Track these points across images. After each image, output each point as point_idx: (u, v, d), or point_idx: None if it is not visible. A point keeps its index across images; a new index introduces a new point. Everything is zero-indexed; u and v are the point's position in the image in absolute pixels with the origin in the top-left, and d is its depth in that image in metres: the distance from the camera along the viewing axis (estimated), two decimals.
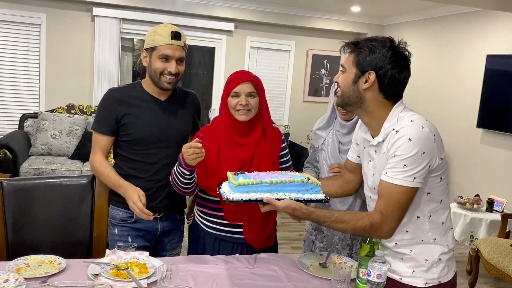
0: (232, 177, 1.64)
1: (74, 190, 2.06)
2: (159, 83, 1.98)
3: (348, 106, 1.58)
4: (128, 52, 6.25)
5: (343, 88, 1.55)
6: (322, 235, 2.21)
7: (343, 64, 1.56)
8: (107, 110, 2.00)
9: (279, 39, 6.45)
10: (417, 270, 1.58)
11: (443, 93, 5.36)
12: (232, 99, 1.91)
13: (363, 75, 1.49)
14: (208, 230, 2.02)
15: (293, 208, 1.56)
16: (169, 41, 1.92)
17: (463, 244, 4.13)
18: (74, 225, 2.04)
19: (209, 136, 1.97)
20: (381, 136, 1.52)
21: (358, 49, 1.50)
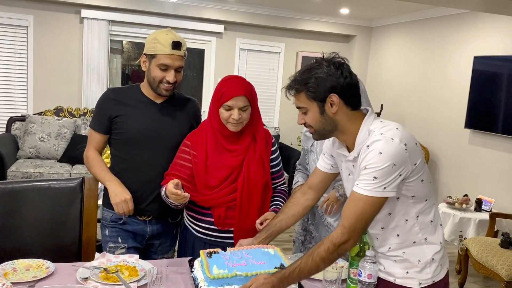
0: (205, 263, 1.64)
1: (62, 193, 2.03)
2: (157, 90, 2.00)
3: (327, 136, 1.60)
4: (117, 54, 6.21)
5: (315, 125, 1.55)
6: (310, 236, 2.21)
7: (299, 106, 1.55)
8: (102, 109, 2.03)
9: (268, 41, 6.46)
10: (410, 271, 1.58)
11: (431, 94, 5.40)
12: (224, 111, 1.88)
13: (326, 102, 1.49)
14: (198, 234, 2.01)
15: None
16: (169, 51, 1.92)
17: (452, 243, 4.16)
18: (63, 229, 2.02)
19: (196, 142, 1.96)
20: (355, 151, 1.53)
21: (304, 85, 1.50)
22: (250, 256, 1.72)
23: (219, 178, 1.92)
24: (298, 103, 1.56)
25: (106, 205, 2.07)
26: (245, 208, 1.93)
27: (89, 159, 2.06)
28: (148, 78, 2.00)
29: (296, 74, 1.56)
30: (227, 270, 1.60)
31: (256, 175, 1.95)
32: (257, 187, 1.95)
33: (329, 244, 1.48)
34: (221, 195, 1.93)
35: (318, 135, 1.60)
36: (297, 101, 1.56)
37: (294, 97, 1.57)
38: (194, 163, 1.93)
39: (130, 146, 2.01)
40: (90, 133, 2.09)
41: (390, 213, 1.54)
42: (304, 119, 1.58)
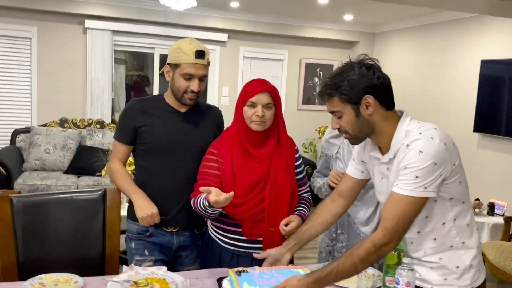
0: (235, 280, 1.61)
1: (85, 205, 2.00)
2: (181, 100, 1.98)
3: (363, 139, 1.58)
4: (121, 64, 6.20)
5: (351, 129, 1.53)
6: (341, 245, 2.17)
7: (332, 110, 1.54)
8: (127, 120, 2.01)
9: (272, 48, 6.46)
10: (448, 278, 1.55)
11: (438, 99, 5.40)
12: (248, 109, 1.87)
13: (360, 104, 1.48)
14: (225, 245, 1.96)
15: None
16: (193, 60, 1.90)
17: None
18: (87, 241, 1.98)
19: (222, 150, 1.94)
20: (391, 152, 1.51)
21: (336, 89, 1.49)
22: (280, 275, 1.69)
23: (247, 186, 1.88)
24: (331, 107, 1.54)
25: (131, 217, 2.03)
26: (273, 216, 1.90)
27: (114, 171, 2.02)
28: (172, 88, 1.99)
29: (326, 79, 1.54)
30: (258, 287, 1.57)
31: (284, 182, 1.92)
32: (285, 194, 1.92)
33: (370, 245, 1.45)
34: (250, 207, 1.89)
35: (355, 139, 1.57)
36: (331, 105, 1.54)
37: (327, 102, 1.55)
38: (222, 171, 1.90)
39: (156, 156, 1.98)
40: (114, 144, 2.06)
41: (427, 216, 1.51)
42: (339, 124, 1.55)
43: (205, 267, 1.98)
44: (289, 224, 1.87)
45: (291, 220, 1.89)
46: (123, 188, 1.99)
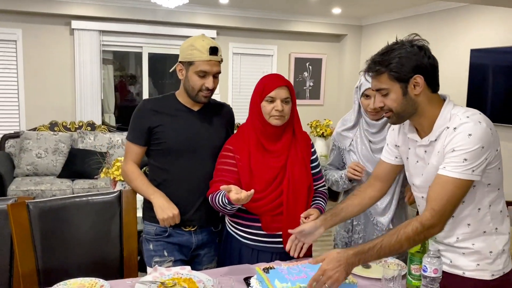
0: (266, 278, 1.60)
1: (101, 208, 1.97)
2: (196, 98, 1.96)
3: (405, 119, 1.56)
4: (109, 64, 6.10)
5: (396, 107, 1.51)
6: (358, 236, 2.18)
7: (380, 87, 1.52)
8: (140, 121, 1.97)
9: (261, 44, 6.45)
10: (481, 263, 1.55)
11: None
12: (267, 104, 1.87)
13: (409, 83, 1.48)
14: (245, 241, 1.96)
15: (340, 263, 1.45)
16: (207, 57, 1.89)
17: None
18: (105, 244, 1.96)
19: (238, 146, 1.93)
20: (433, 135, 1.51)
21: (386, 66, 1.48)
22: (308, 269, 1.69)
23: (265, 181, 1.89)
24: (378, 84, 1.52)
25: (148, 218, 2.01)
26: (292, 210, 1.90)
27: (129, 173, 1.99)
28: (186, 87, 1.96)
29: (375, 56, 1.52)
30: (289, 283, 1.56)
31: (301, 176, 1.92)
32: (302, 188, 1.93)
33: (418, 225, 1.44)
34: (268, 201, 1.89)
35: (397, 118, 1.55)
36: (378, 82, 1.52)
37: (374, 79, 1.53)
38: (239, 167, 1.89)
39: (171, 156, 1.95)
40: (127, 146, 2.03)
41: (464, 201, 1.51)
42: (383, 102, 1.53)
43: (224, 265, 1.98)
44: (309, 217, 1.88)
45: (310, 213, 1.89)
46: (140, 189, 1.96)
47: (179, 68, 1.97)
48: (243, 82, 6.41)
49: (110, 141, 5.35)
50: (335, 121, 6.67)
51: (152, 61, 6.09)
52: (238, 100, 6.37)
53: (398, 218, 2.14)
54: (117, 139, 5.36)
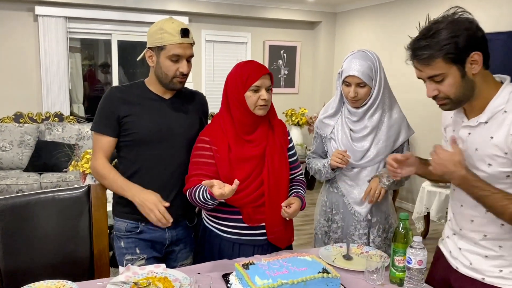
0: (245, 275, 1.52)
1: (68, 204, 1.84)
2: (170, 85, 1.84)
3: (463, 103, 1.41)
4: (77, 53, 5.86)
5: (455, 93, 1.36)
6: (336, 226, 2.13)
7: (433, 74, 1.36)
8: (108, 109, 1.84)
9: (234, 31, 6.32)
10: (505, 270, 1.44)
11: (402, 77, 5.47)
12: (252, 94, 1.77)
13: (466, 63, 1.33)
14: (225, 235, 1.88)
15: (449, 167, 1.35)
16: (179, 40, 1.77)
17: (440, 221, 4.24)
18: (73, 243, 1.84)
19: (215, 137, 1.84)
20: (485, 115, 1.39)
21: (440, 49, 1.31)
22: (289, 264, 1.63)
23: (245, 171, 1.81)
24: (431, 71, 1.35)
25: (118, 214, 1.90)
26: (274, 199, 1.83)
27: (99, 169, 1.83)
28: (158, 74, 1.84)
29: (419, 40, 1.36)
30: (271, 279, 1.49)
31: (281, 165, 1.86)
32: (283, 176, 1.87)
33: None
34: (249, 192, 1.81)
35: (454, 104, 1.40)
36: (430, 69, 1.35)
37: (424, 66, 1.36)
38: (217, 159, 1.80)
39: (143, 147, 1.84)
40: (96, 138, 1.87)
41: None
42: (438, 89, 1.38)
43: (202, 261, 1.89)
44: (291, 206, 1.81)
45: (291, 202, 1.83)
46: (113, 186, 1.82)
47: (149, 55, 1.84)
48: (217, 70, 6.28)
49: (79, 132, 5.15)
50: (310, 109, 6.64)
51: (122, 49, 5.88)
52: (212, 89, 6.25)
53: (377, 208, 2.09)
54: (86, 130, 5.16)
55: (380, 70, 2.02)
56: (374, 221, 2.09)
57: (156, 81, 1.87)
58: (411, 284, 1.57)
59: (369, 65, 1.98)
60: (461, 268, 1.55)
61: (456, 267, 1.57)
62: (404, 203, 5.40)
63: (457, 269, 1.56)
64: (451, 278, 1.60)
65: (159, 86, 1.87)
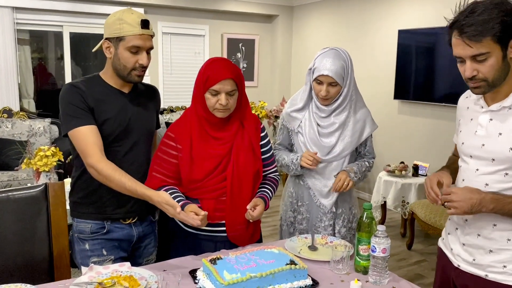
0: (213, 270, 1.50)
1: (24, 204, 1.75)
2: (128, 77, 1.77)
3: (495, 88, 1.39)
4: (26, 45, 5.58)
5: (494, 74, 1.34)
6: (302, 217, 2.15)
7: (479, 53, 1.32)
8: (79, 101, 1.71)
9: (192, 23, 6.23)
10: (509, 265, 1.41)
11: (359, 69, 5.57)
12: (211, 97, 1.74)
13: (508, 46, 1.32)
14: (188, 229, 1.86)
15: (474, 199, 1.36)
16: (139, 31, 1.71)
17: (396, 210, 4.39)
18: (30, 245, 1.75)
19: (181, 133, 1.80)
20: (509, 100, 1.38)
21: (491, 28, 1.28)
22: (256, 257, 1.64)
23: (206, 170, 1.79)
24: (477, 50, 1.31)
25: (80, 215, 1.83)
26: (236, 198, 1.82)
27: (104, 171, 1.65)
28: (115, 66, 1.77)
29: (468, 17, 1.31)
30: (239, 273, 1.49)
31: (246, 163, 1.84)
32: (248, 175, 1.85)
33: None
34: (210, 184, 1.80)
35: (490, 87, 1.37)
36: (476, 47, 1.31)
37: (473, 43, 1.31)
38: (180, 158, 1.78)
39: (105, 143, 1.76)
40: (79, 135, 1.69)
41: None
42: (478, 70, 1.35)
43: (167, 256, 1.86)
44: (256, 208, 1.81)
45: (257, 204, 1.83)
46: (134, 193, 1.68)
47: (106, 46, 1.77)
48: (175, 64, 6.18)
49: (30, 128, 4.92)
50: (269, 102, 6.66)
51: (74, 41, 5.66)
52: (170, 82, 6.15)
53: (342, 200, 2.13)
54: (38, 126, 4.94)
55: (351, 70, 2.03)
56: (339, 212, 2.13)
57: (113, 73, 1.79)
58: (375, 272, 1.61)
59: (342, 65, 1.97)
60: (463, 266, 1.53)
61: (458, 265, 1.55)
62: (362, 193, 5.55)
63: (459, 267, 1.54)
64: (453, 276, 1.58)
65: (117, 79, 1.80)
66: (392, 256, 3.85)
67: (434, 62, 4.58)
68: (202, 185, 1.80)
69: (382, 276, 1.61)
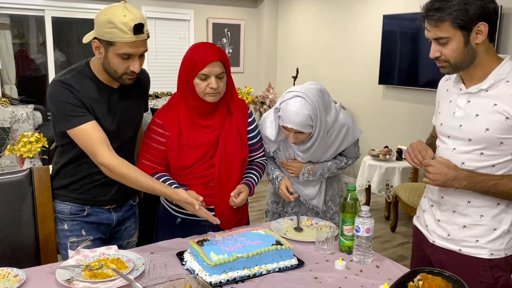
0: (200, 251, 1.52)
1: (9, 189, 1.75)
2: (120, 80, 1.70)
3: (461, 69, 1.47)
4: (6, 30, 5.46)
5: (455, 58, 1.42)
6: (292, 211, 2.13)
7: (440, 36, 1.41)
8: (74, 100, 1.64)
9: (176, 7, 6.15)
10: (481, 240, 1.49)
11: (344, 54, 5.61)
12: (200, 82, 1.71)
13: (472, 32, 1.39)
14: (177, 214, 1.89)
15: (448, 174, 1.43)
16: (131, 38, 1.57)
17: (380, 193, 4.46)
18: (16, 229, 1.75)
19: (169, 121, 1.80)
20: (486, 83, 1.44)
21: (450, 13, 1.37)
22: (243, 238, 1.67)
23: (194, 158, 1.80)
24: (439, 33, 1.41)
25: (62, 198, 1.82)
26: (224, 184, 1.84)
27: (118, 169, 1.63)
28: (106, 67, 1.68)
29: (434, 1, 1.39)
30: (226, 254, 1.51)
31: (234, 151, 1.85)
32: (236, 162, 1.86)
33: None
34: (198, 171, 1.81)
35: (453, 68, 1.47)
36: (438, 31, 1.41)
37: (433, 27, 1.41)
38: (168, 145, 1.78)
39: None
40: (83, 134, 1.63)
41: (493, 166, 1.46)
42: (440, 52, 1.43)
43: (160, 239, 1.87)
44: (239, 195, 1.82)
45: (241, 190, 1.84)
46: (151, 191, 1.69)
47: (96, 45, 1.66)
48: (159, 49, 6.10)
49: (13, 115, 4.84)
50: (255, 88, 6.65)
51: (57, 26, 5.55)
52: (155, 68, 6.07)
53: (331, 196, 2.15)
54: (21, 112, 4.87)
55: (321, 115, 1.86)
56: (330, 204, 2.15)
57: (103, 71, 1.71)
58: (359, 251, 1.65)
59: (307, 116, 1.82)
60: (438, 241, 1.59)
61: (433, 241, 1.61)
62: (346, 177, 5.61)
63: (434, 243, 1.60)
64: (428, 252, 1.64)
65: (106, 75, 1.71)
66: (377, 238, 3.92)
67: (419, 47, 4.62)
68: (190, 172, 1.81)
69: (366, 255, 1.65)
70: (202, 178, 1.82)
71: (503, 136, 1.43)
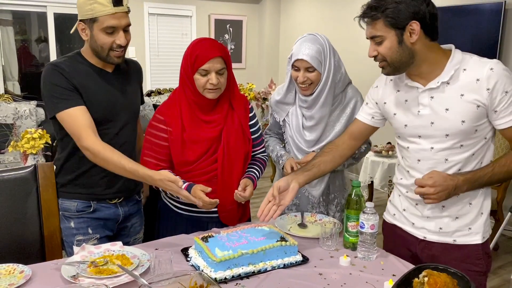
0: (205, 248, 1.52)
1: (14, 185, 1.75)
2: (108, 59, 1.72)
3: (401, 69, 1.48)
4: (9, 26, 5.46)
5: (391, 56, 1.44)
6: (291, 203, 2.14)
7: (374, 35, 1.44)
8: (63, 83, 1.67)
9: (178, 4, 6.14)
10: (473, 226, 1.54)
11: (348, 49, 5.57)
12: (200, 77, 1.72)
13: (405, 31, 1.40)
14: (180, 211, 1.89)
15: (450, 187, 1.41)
16: (112, 9, 1.63)
17: (383, 189, 4.45)
18: (21, 226, 1.76)
19: (171, 116, 1.80)
20: (447, 75, 1.44)
21: (382, 12, 1.40)
22: (248, 234, 1.67)
23: (197, 153, 1.80)
24: (373, 31, 1.44)
25: (67, 195, 1.82)
26: (227, 179, 1.84)
27: (102, 153, 1.63)
28: (93, 47, 1.71)
29: (370, 0, 1.43)
30: (231, 250, 1.51)
31: (236, 146, 1.85)
32: (238, 157, 1.86)
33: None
34: (201, 166, 1.81)
35: (392, 68, 1.47)
36: (372, 29, 1.44)
37: (368, 26, 1.46)
38: (171, 141, 1.78)
39: None
40: (69, 117, 1.65)
41: (473, 154, 1.49)
42: (377, 50, 1.46)
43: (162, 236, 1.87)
44: (246, 189, 1.83)
45: (246, 184, 1.84)
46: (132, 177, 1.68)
47: (81, 28, 1.70)
48: (162, 45, 6.11)
49: (16, 111, 4.86)
50: (257, 84, 6.64)
51: (59, 22, 5.54)
52: (157, 64, 6.08)
53: (334, 185, 2.13)
54: (24, 109, 4.88)
55: (330, 55, 1.94)
56: (332, 198, 2.14)
57: (93, 55, 1.74)
58: (364, 248, 1.65)
59: (318, 49, 1.91)
60: (430, 236, 1.59)
61: (424, 237, 1.61)
62: (349, 174, 5.61)
63: (425, 238, 1.60)
64: (416, 249, 1.64)
65: (98, 58, 1.75)
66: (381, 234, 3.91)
67: None
68: (193, 168, 1.81)
69: (371, 252, 1.65)
70: (205, 174, 1.82)
71: (477, 124, 1.46)
